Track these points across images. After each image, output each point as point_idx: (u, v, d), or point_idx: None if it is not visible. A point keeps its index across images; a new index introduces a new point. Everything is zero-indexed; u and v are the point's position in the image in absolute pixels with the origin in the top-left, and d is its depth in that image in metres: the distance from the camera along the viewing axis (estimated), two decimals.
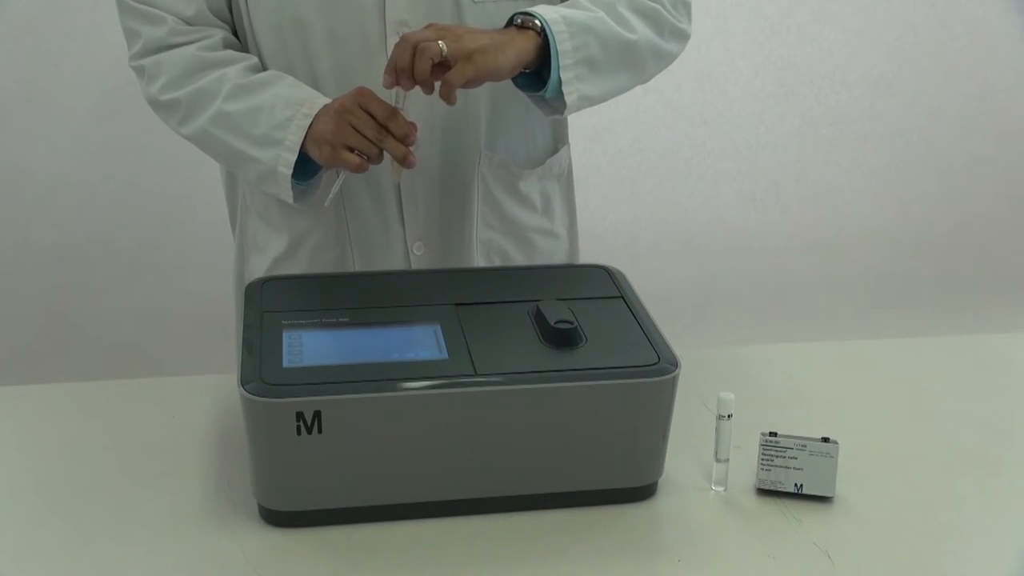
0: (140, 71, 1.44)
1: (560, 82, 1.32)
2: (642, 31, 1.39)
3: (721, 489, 1.20)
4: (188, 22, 1.40)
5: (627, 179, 2.71)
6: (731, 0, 2.70)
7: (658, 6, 1.41)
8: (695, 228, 2.83)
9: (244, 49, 1.44)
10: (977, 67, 2.85)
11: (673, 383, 1.13)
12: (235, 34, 1.45)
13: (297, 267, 1.51)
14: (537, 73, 1.35)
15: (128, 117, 2.33)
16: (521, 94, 1.40)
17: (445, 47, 1.23)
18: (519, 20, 1.31)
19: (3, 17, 2.31)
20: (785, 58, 2.77)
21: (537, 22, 1.31)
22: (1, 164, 2.41)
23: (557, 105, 1.37)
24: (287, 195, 1.38)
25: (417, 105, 1.34)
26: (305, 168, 1.38)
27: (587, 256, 1.55)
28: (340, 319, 1.19)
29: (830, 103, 2.82)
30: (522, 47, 1.29)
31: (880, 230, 2.92)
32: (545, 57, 1.32)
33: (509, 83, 1.36)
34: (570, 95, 1.33)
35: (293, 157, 1.34)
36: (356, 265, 1.51)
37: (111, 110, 2.39)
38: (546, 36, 1.31)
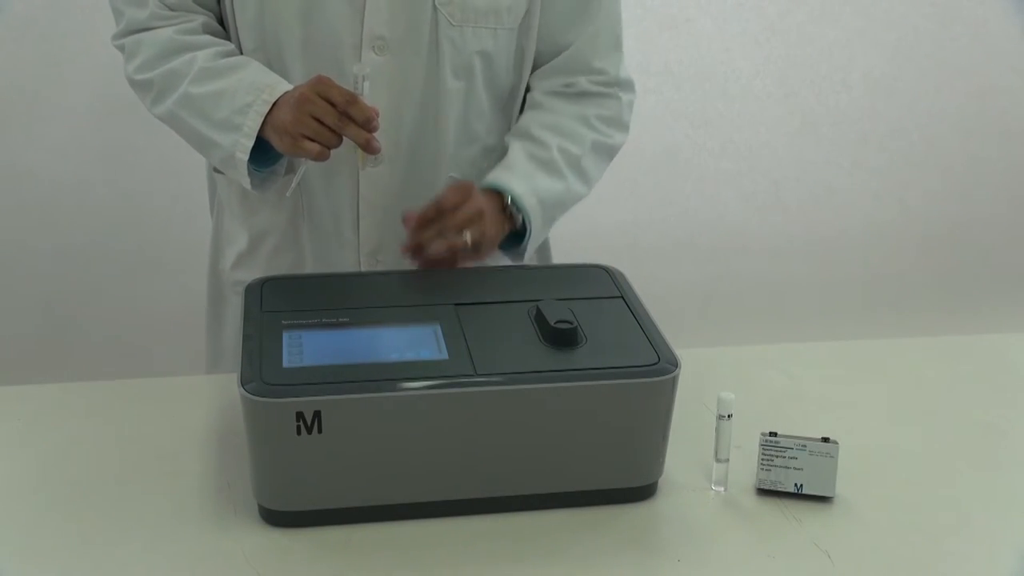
0: (121, 49, 1.45)
1: (524, 250, 1.46)
2: (596, 174, 1.52)
3: (721, 489, 1.20)
4: (171, 7, 1.41)
5: (627, 179, 2.70)
6: (731, 0, 2.69)
7: (613, 142, 1.54)
8: (695, 228, 2.83)
9: (226, 38, 1.45)
10: (977, 67, 2.84)
11: (673, 383, 1.13)
12: (221, 22, 1.46)
13: (258, 266, 1.51)
14: None
15: (128, 118, 2.32)
16: (488, 118, 1.49)
17: (469, 239, 1.34)
18: (508, 207, 1.42)
19: (3, 17, 2.31)
20: (785, 58, 2.76)
21: (520, 217, 1.42)
22: (1, 165, 2.40)
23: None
24: (245, 181, 1.38)
25: (384, 125, 1.34)
26: (269, 156, 1.38)
27: (587, 256, 1.55)
28: (340, 319, 1.19)
29: (830, 103, 2.81)
30: (505, 233, 1.43)
31: (880, 230, 2.92)
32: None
33: (479, 108, 1.46)
34: (529, 251, 1.48)
35: (250, 143, 1.34)
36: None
37: (111, 111, 2.39)
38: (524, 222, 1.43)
